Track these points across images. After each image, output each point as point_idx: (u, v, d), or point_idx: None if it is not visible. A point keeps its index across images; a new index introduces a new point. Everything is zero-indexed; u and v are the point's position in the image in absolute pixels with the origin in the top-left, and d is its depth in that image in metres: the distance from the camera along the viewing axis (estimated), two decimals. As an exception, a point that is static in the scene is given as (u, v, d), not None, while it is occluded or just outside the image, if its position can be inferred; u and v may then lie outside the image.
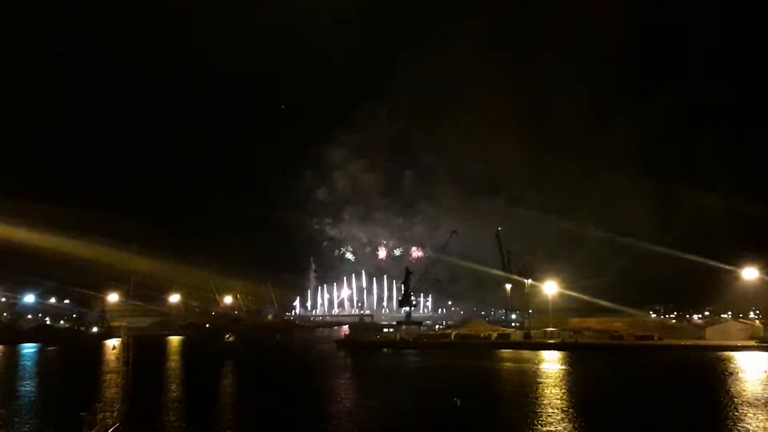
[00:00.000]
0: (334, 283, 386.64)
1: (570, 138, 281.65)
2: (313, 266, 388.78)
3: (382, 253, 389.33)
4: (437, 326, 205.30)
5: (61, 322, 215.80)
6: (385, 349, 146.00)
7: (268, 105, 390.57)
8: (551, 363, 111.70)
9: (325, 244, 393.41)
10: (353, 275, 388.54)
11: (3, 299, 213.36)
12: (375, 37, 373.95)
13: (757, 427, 55.24)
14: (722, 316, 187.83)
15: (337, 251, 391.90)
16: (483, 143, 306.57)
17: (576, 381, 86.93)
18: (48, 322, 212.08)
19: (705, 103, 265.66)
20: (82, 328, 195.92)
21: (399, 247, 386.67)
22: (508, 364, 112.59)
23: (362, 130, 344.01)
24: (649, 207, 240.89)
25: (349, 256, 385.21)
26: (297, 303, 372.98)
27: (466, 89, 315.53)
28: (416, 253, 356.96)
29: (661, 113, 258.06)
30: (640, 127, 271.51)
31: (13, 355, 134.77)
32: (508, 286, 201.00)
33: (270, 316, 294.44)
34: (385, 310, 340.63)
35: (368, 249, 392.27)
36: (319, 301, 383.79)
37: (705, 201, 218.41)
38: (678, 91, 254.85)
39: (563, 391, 76.93)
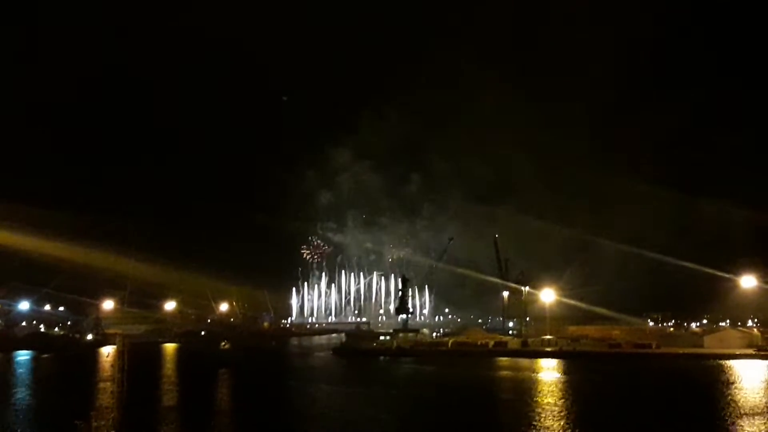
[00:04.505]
0: (331, 290, 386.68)
1: (576, 144, 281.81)
2: (317, 273, 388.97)
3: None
4: (434, 334, 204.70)
5: (56, 329, 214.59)
6: (381, 357, 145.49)
7: (269, 107, 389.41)
8: (549, 371, 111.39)
9: (330, 249, 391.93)
10: (351, 282, 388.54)
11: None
12: (381, 36, 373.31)
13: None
14: (720, 324, 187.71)
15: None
16: (490, 148, 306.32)
17: (573, 389, 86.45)
18: (43, 330, 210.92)
19: (708, 110, 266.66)
20: (77, 336, 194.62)
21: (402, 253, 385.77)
22: (506, 372, 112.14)
23: (367, 132, 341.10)
24: (649, 216, 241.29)
25: None
26: (293, 310, 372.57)
27: (474, 92, 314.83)
28: None
29: (665, 120, 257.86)
30: (641, 136, 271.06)
31: (8, 363, 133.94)
32: (506, 294, 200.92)
33: (266, 324, 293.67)
34: (382, 318, 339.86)
35: (373, 256, 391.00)
36: (315, 308, 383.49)
37: (705, 210, 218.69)
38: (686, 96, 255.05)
39: (560, 399, 76.48)
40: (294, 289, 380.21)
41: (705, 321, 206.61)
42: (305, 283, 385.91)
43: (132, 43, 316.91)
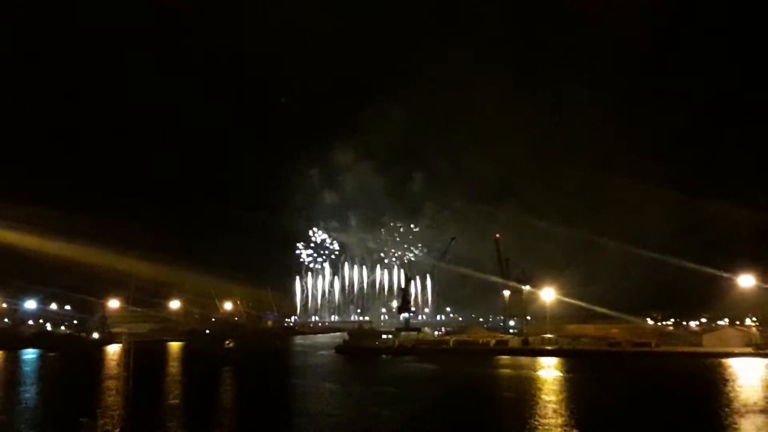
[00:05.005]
0: (334, 289, 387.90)
1: (577, 143, 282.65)
2: (319, 272, 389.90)
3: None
4: (436, 333, 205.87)
5: (62, 327, 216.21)
6: (384, 356, 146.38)
7: (270, 107, 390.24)
8: (549, 369, 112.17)
9: (337, 250, 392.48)
10: (353, 281, 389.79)
11: (4, 305, 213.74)
12: (382, 36, 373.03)
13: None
14: (719, 323, 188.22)
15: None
16: (492, 147, 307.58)
17: (574, 387, 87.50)
18: (49, 328, 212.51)
19: (709, 110, 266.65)
20: (83, 334, 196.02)
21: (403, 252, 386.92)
22: (507, 370, 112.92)
23: (369, 132, 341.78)
24: (649, 215, 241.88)
25: None
26: (297, 309, 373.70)
27: (478, 93, 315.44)
28: None
29: (666, 120, 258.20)
30: (642, 135, 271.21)
31: (14, 361, 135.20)
32: (506, 293, 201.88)
33: (270, 322, 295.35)
34: (384, 316, 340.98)
35: (375, 255, 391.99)
36: (319, 306, 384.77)
37: (705, 210, 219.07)
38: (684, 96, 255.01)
39: (561, 397, 77.48)
40: (298, 288, 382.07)
41: (704, 320, 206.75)
42: (308, 282, 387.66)
43: (132, 44, 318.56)
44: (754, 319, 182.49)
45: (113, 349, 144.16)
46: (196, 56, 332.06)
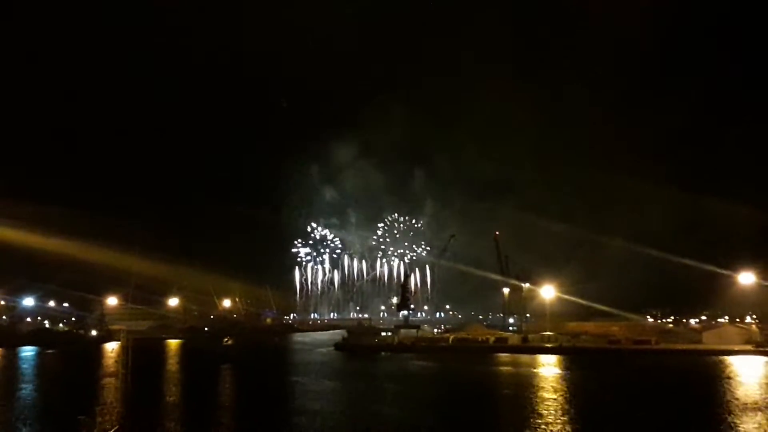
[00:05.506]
0: (334, 286, 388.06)
1: (577, 142, 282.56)
2: (316, 269, 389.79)
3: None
4: (435, 330, 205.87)
5: (60, 325, 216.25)
6: (383, 353, 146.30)
7: (271, 105, 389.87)
8: (549, 367, 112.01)
9: (337, 248, 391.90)
10: (353, 278, 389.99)
11: (2, 302, 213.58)
12: (385, 34, 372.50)
13: (755, 431, 55.58)
14: (719, 320, 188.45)
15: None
16: (493, 145, 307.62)
17: (573, 385, 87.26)
18: (47, 326, 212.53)
19: (710, 108, 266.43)
20: (81, 332, 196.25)
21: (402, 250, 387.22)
22: (506, 367, 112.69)
23: (370, 129, 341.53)
24: (649, 213, 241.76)
25: None
26: (296, 306, 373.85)
27: (478, 92, 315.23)
28: None
29: (666, 119, 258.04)
30: (643, 134, 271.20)
31: (12, 358, 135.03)
32: (506, 290, 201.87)
33: (269, 320, 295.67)
34: (384, 314, 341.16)
35: (375, 252, 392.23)
36: (318, 304, 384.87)
37: (706, 207, 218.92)
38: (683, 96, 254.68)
39: (560, 394, 77.25)
40: (296, 285, 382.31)
41: (704, 317, 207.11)
42: (308, 280, 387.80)
43: (132, 44, 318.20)
44: (754, 316, 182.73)
45: (112, 347, 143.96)
46: (196, 56, 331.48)
